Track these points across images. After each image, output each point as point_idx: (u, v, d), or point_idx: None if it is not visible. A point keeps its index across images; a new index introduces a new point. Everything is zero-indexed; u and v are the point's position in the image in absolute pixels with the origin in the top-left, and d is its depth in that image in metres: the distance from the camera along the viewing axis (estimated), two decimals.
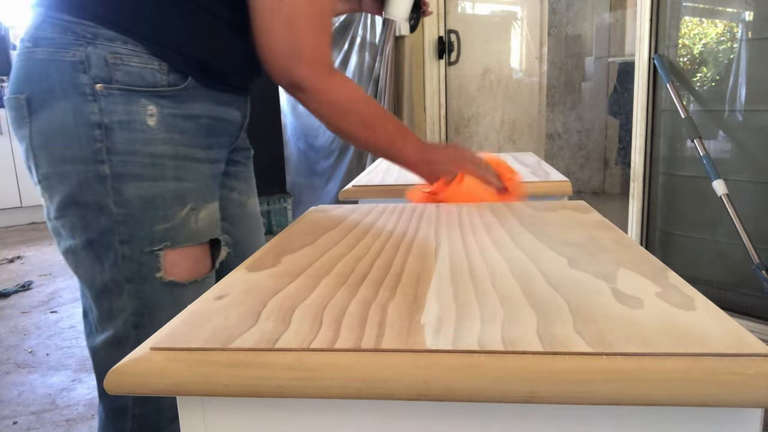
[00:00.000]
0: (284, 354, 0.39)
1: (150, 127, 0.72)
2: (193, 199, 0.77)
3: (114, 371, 0.39)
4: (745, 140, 1.92)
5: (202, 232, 0.78)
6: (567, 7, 4.35)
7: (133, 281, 0.74)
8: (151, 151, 0.72)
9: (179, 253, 0.76)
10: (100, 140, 0.70)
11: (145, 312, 0.76)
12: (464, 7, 3.30)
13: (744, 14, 1.90)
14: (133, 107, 0.71)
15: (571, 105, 4.43)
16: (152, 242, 0.74)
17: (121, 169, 0.71)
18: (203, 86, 0.77)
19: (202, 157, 0.78)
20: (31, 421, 1.65)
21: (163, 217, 0.74)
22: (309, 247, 0.66)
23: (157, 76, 0.72)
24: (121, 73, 0.70)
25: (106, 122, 0.70)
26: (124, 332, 0.76)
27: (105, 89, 0.70)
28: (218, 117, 0.80)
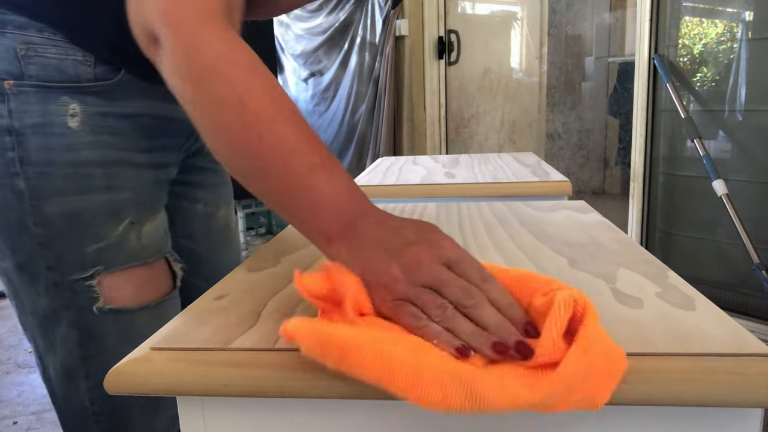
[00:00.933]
0: (284, 354, 0.39)
1: (71, 129, 0.60)
2: (132, 212, 0.65)
3: (114, 371, 0.39)
4: (745, 140, 1.92)
5: (146, 249, 0.66)
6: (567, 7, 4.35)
7: (71, 310, 0.63)
8: (73, 158, 0.60)
9: (119, 276, 0.64)
10: (11, 148, 0.59)
11: (90, 343, 0.65)
12: (464, 7, 3.30)
13: (744, 14, 1.90)
14: (51, 107, 0.59)
15: (571, 105, 4.43)
16: (83, 267, 0.62)
17: (38, 182, 0.60)
18: (140, 79, 0.64)
19: (142, 162, 0.66)
20: (31, 421, 1.65)
21: (93, 236, 0.62)
22: (309, 247, 0.66)
23: (81, 69, 0.60)
24: (35, 66, 0.59)
25: (17, 126, 0.58)
26: (72, 365, 0.66)
27: (15, 86, 0.58)
28: (162, 115, 0.68)
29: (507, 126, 3.50)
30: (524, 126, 3.54)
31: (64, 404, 0.69)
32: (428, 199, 1.10)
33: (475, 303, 0.38)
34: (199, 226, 0.80)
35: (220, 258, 0.83)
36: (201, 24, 0.47)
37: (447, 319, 0.38)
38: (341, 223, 0.43)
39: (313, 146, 0.45)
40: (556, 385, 0.33)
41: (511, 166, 1.32)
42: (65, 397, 0.68)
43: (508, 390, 0.33)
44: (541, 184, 1.10)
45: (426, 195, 1.12)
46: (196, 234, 0.80)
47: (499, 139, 3.49)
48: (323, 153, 0.45)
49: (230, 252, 0.86)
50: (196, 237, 0.80)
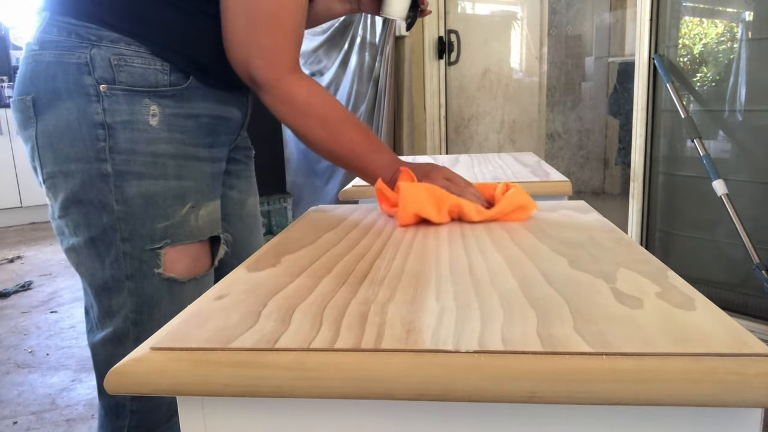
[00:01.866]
0: (284, 354, 0.39)
1: (152, 126, 0.74)
2: (193, 198, 0.78)
3: (114, 371, 0.39)
4: (745, 140, 1.92)
5: (201, 230, 0.80)
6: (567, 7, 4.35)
7: (134, 278, 0.76)
8: (153, 150, 0.74)
9: (179, 250, 0.77)
10: (103, 139, 0.72)
11: (144, 309, 0.77)
12: (464, 7, 3.30)
13: (744, 14, 1.90)
14: (136, 107, 0.73)
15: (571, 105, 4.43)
16: (153, 240, 0.75)
17: (123, 167, 0.73)
18: (204, 85, 0.78)
19: (204, 156, 0.79)
20: (31, 421, 1.65)
21: (163, 215, 0.75)
22: (309, 247, 0.66)
23: (159, 77, 0.74)
24: (124, 74, 0.72)
25: (109, 122, 0.72)
26: (123, 329, 0.77)
27: (108, 90, 0.72)
28: (219, 116, 0.82)
29: (507, 126, 3.50)
30: (524, 126, 3.54)
31: (106, 368, 0.78)
32: None
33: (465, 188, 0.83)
34: (233, 210, 0.92)
35: (249, 241, 0.96)
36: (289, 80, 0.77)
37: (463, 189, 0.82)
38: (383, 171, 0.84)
39: (368, 137, 0.83)
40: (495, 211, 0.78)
41: (511, 166, 1.32)
42: (109, 360, 0.78)
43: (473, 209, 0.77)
44: (541, 184, 1.10)
45: None
46: (231, 216, 0.92)
47: (499, 139, 3.49)
48: (373, 140, 0.84)
49: (257, 236, 0.99)
50: (230, 219, 0.91)
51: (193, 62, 0.76)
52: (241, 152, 0.93)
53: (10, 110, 0.80)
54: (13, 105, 0.77)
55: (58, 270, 3.13)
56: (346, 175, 3.29)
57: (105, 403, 0.81)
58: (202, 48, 0.77)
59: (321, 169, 3.53)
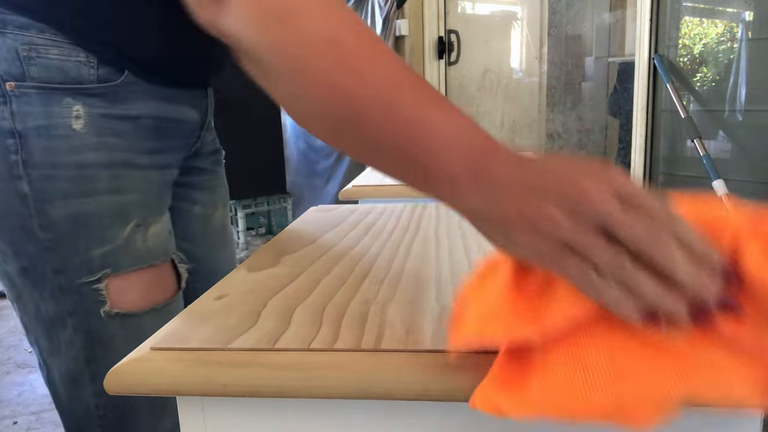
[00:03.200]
0: (284, 354, 0.39)
1: (75, 131, 0.59)
2: (138, 214, 0.64)
3: (114, 371, 0.39)
4: (745, 140, 1.92)
5: (152, 252, 0.66)
6: (567, 7, 4.35)
7: (77, 314, 0.63)
8: (78, 160, 0.60)
9: (127, 278, 0.64)
10: (14, 151, 0.58)
11: (96, 346, 0.65)
12: (464, 7, 3.30)
13: (744, 14, 1.90)
14: (54, 108, 0.59)
15: (571, 105, 4.43)
16: (90, 270, 0.62)
17: (43, 185, 0.59)
18: (144, 81, 0.63)
19: (146, 164, 0.66)
20: (31, 421, 1.65)
21: (100, 240, 0.62)
22: (309, 247, 0.66)
23: (84, 71, 0.60)
24: (37, 67, 0.58)
25: (20, 129, 0.58)
26: (76, 368, 0.65)
27: (17, 88, 0.58)
28: (166, 117, 0.67)
29: (507, 126, 3.50)
30: (524, 126, 3.54)
31: (69, 408, 0.69)
32: (428, 199, 1.10)
33: (662, 249, 0.29)
34: (197, 228, 0.80)
35: (217, 259, 0.83)
36: None
37: (623, 271, 0.30)
38: (469, 161, 0.36)
39: (419, 80, 0.39)
40: None
41: None
42: (70, 400, 0.68)
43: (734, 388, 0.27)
44: None
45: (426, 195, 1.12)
46: (195, 236, 0.80)
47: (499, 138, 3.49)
48: (430, 87, 0.39)
49: (226, 253, 0.86)
50: (194, 239, 0.79)
51: (126, 54, 0.61)
52: (205, 159, 0.79)
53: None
54: None
55: None
56: (346, 175, 3.28)
57: None
58: (137, 37, 0.62)
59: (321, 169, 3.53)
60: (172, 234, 0.71)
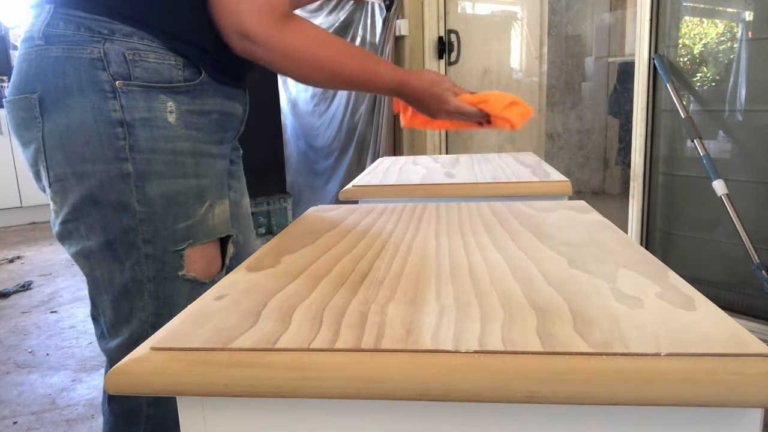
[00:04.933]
0: (284, 354, 0.39)
1: (170, 123, 0.72)
2: (211, 196, 0.77)
3: (114, 371, 0.39)
4: (745, 140, 1.92)
5: (218, 228, 0.78)
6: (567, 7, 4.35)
7: (155, 280, 0.74)
8: (172, 147, 0.72)
9: (197, 251, 0.76)
10: (122, 138, 0.69)
11: (164, 312, 0.75)
12: (464, 7, 3.30)
13: (744, 14, 1.90)
14: (154, 104, 0.70)
15: (571, 105, 4.43)
16: (176, 241, 0.74)
17: (144, 167, 0.71)
18: (215, 81, 0.77)
19: (216, 153, 0.78)
20: (31, 421, 1.65)
21: (185, 215, 0.74)
22: (309, 247, 0.66)
23: (174, 72, 0.72)
24: (140, 69, 0.69)
25: (128, 119, 0.69)
26: (141, 333, 0.75)
27: (125, 86, 0.69)
28: (226, 111, 0.80)
29: None
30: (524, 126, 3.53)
31: None
32: (428, 199, 1.10)
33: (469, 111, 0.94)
34: (233, 211, 0.90)
35: (247, 241, 0.95)
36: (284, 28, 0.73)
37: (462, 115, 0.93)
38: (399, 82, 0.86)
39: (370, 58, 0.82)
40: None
41: (511, 166, 1.32)
42: None
43: None
44: (541, 184, 1.10)
45: (426, 195, 1.12)
46: (232, 218, 0.89)
47: (499, 139, 3.49)
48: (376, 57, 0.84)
49: (251, 236, 0.98)
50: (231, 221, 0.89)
51: (204, 57, 0.74)
52: (233, 152, 0.92)
53: None
54: (11, 104, 0.72)
55: (58, 270, 3.13)
56: (346, 175, 3.29)
57: (116, 409, 0.78)
58: (212, 43, 0.74)
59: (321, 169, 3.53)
60: (229, 216, 0.83)
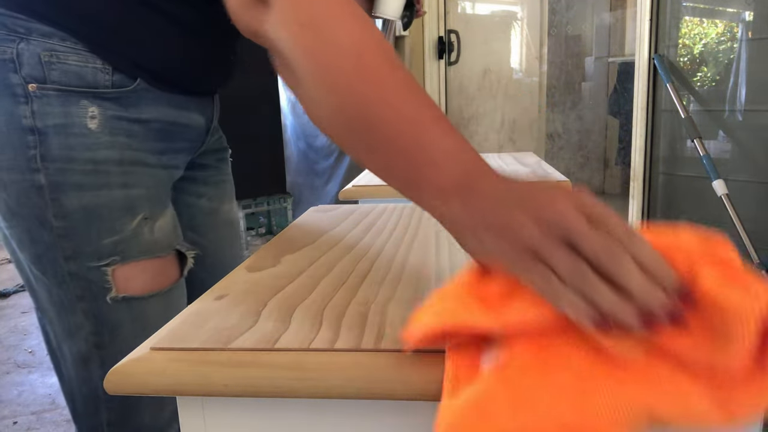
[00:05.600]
0: (284, 354, 0.39)
1: (90, 130, 0.65)
2: (145, 208, 0.69)
3: (114, 371, 0.39)
4: (745, 140, 1.92)
5: (159, 243, 0.70)
6: (567, 7, 4.35)
7: (85, 299, 0.68)
8: (92, 156, 0.65)
9: (134, 267, 0.69)
10: (33, 146, 0.63)
11: (104, 331, 0.69)
12: (464, 7, 3.30)
13: (744, 14, 1.90)
14: (72, 109, 0.64)
15: (571, 105, 4.43)
16: (99, 257, 0.66)
17: (58, 177, 0.64)
18: (156, 89, 0.69)
19: (154, 163, 0.71)
20: (31, 421, 1.65)
21: (110, 230, 0.66)
22: (309, 247, 0.66)
23: (99, 77, 0.65)
24: (57, 72, 0.63)
25: (40, 126, 0.63)
26: (87, 352, 0.70)
27: (39, 89, 0.63)
28: (175, 122, 0.72)
29: (507, 126, 3.50)
30: (524, 126, 3.54)
31: (78, 391, 0.72)
32: None
33: (618, 263, 0.32)
34: (203, 220, 0.84)
35: (224, 252, 0.87)
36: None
37: (582, 279, 0.32)
38: (460, 177, 0.40)
39: (426, 99, 0.44)
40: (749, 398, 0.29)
41: (511, 166, 1.32)
42: (79, 383, 0.71)
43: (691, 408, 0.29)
44: None
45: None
46: (201, 227, 0.84)
47: (499, 139, 3.49)
48: (435, 109, 0.43)
49: (233, 246, 0.90)
50: (200, 230, 0.84)
51: (139, 64, 0.67)
52: (210, 156, 0.84)
53: None
54: None
55: None
56: (346, 175, 3.29)
57: (81, 426, 0.74)
58: (151, 50, 0.67)
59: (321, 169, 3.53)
60: (178, 228, 0.75)
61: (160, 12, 0.66)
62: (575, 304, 0.32)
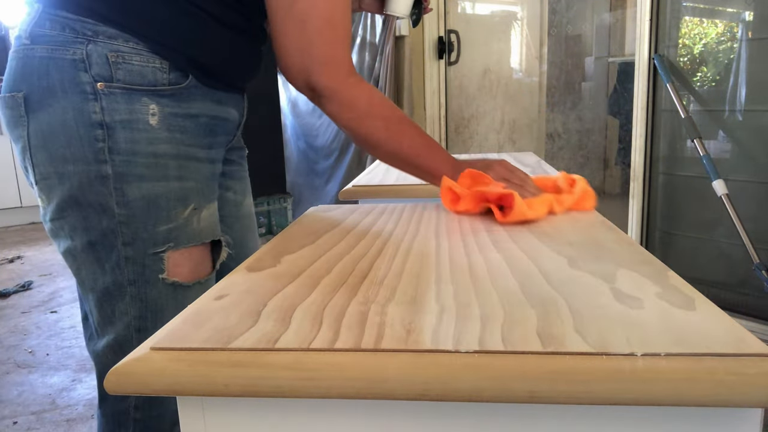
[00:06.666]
0: (284, 354, 0.39)
1: (152, 126, 0.71)
2: (195, 199, 0.76)
3: (114, 371, 0.39)
4: (745, 140, 1.92)
5: (203, 232, 0.78)
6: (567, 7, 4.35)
7: (136, 284, 0.73)
8: (153, 150, 0.72)
9: (182, 254, 0.75)
10: (102, 140, 0.69)
11: (148, 315, 0.74)
12: (464, 7, 3.30)
13: (744, 14, 1.90)
14: (135, 106, 0.70)
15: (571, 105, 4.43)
16: (155, 243, 0.73)
17: (123, 169, 0.70)
18: (203, 85, 0.76)
19: (203, 157, 0.78)
20: (31, 421, 1.65)
21: (166, 218, 0.73)
22: (309, 247, 0.66)
23: (158, 75, 0.72)
24: (122, 71, 0.70)
25: (108, 121, 0.69)
26: (126, 336, 0.75)
27: (106, 88, 0.69)
28: (217, 116, 0.80)
29: (507, 126, 3.50)
30: (524, 126, 3.54)
31: None
32: (429, 198, 1.10)
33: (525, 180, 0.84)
34: (230, 212, 0.90)
35: (247, 242, 0.94)
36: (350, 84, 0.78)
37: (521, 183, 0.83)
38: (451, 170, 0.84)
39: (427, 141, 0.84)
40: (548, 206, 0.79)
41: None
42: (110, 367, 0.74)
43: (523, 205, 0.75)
44: None
45: (426, 195, 1.12)
46: (228, 218, 0.90)
47: (499, 138, 3.49)
48: (430, 139, 0.84)
49: (254, 237, 0.97)
50: (227, 221, 0.90)
51: (192, 61, 0.74)
52: (235, 153, 0.92)
53: None
54: (1, 102, 0.73)
55: (58, 270, 3.13)
56: (346, 175, 3.29)
57: (107, 411, 0.78)
58: (203, 48, 0.75)
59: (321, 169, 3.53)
60: (218, 220, 0.83)
61: (208, 13, 0.73)
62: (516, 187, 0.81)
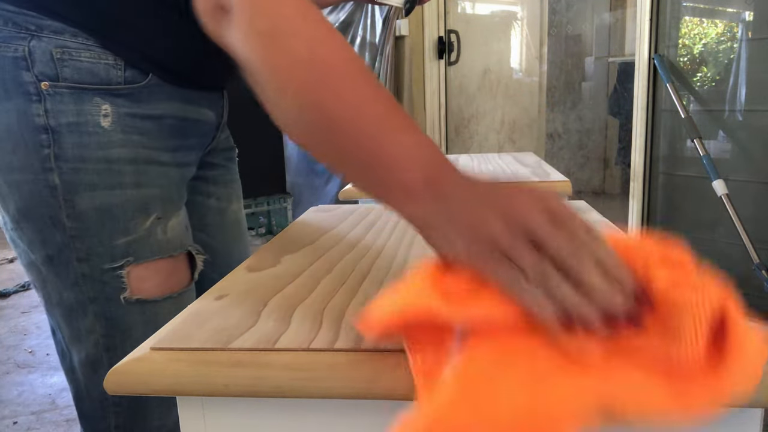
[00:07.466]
0: (284, 354, 0.39)
1: (104, 128, 0.64)
2: (158, 208, 0.68)
3: (114, 371, 0.39)
4: (745, 140, 1.92)
5: (171, 243, 0.70)
6: (567, 7, 4.35)
7: (97, 301, 0.66)
8: (105, 155, 0.64)
9: (146, 267, 0.67)
10: (47, 145, 0.62)
11: (116, 334, 0.68)
12: (464, 7, 3.30)
13: (744, 14, 1.90)
14: (85, 107, 0.63)
15: (571, 105, 4.43)
16: (113, 258, 0.65)
17: (72, 177, 0.63)
18: (167, 83, 0.68)
19: (167, 161, 0.70)
20: (31, 421, 1.65)
21: (123, 230, 0.65)
22: (309, 247, 0.66)
23: (112, 72, 0.64)
24: (69, 69, 0.62)
25: (53, 125, 0.62)
26: (95, 355, 0.68)
27: (51, 87, 0.62)
28: (187, 117, 0.72)
29: (507, 126, 3.50)
30: (524, 126, 3.54)
31: (86, 394, 0.71)
32: None
33: (580, 262, 0.34)
34: (212, 220, 0.83)
35: (232, 251, 0.86)
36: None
37: (545, 277, 0.34)
38: (425, 176, 0.40)
39: (388, 99, 0.44)
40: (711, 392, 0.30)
41: (511, 166, 1.32)
42: (87, 386, 0.70)
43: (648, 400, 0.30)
44: (541, 185, 1.10)
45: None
46: (210, 227, 0.83)
47: (499, 139, 3.49)
48: (401, 111, 0.44)
49: (241, 246, 0.89)
50: (209, 230, 0.83)
51: (149, 59, 0.66)
52: (219, 155, 0.83)
53: None
54: None
55: None
56: None
57: (87, 428, 0.74)
58: (163, 43, 0.67)
59: (321, 169, 3.53)
60: (189, 228, 0.74)
61: (168, 5, 0.64)
62: (538, 301, 0.33)
